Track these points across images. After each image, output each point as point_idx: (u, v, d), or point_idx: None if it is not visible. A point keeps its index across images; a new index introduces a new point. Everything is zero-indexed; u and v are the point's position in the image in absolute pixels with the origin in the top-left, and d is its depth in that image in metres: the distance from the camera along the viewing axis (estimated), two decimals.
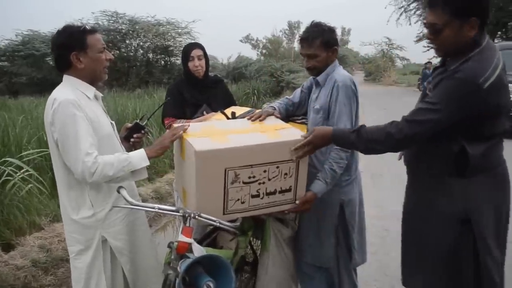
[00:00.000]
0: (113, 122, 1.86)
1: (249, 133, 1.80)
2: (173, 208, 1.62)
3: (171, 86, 2.80)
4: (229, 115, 2.15)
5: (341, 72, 1.98)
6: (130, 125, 2.00)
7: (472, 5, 1.39)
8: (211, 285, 1.41)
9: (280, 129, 1.86)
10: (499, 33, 18.50)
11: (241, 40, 55.42)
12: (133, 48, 19.43)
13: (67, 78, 1.71)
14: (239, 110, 2.23)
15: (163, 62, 20.20)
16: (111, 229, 1.74)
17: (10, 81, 17.95)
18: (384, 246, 3.37)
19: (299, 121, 2.18)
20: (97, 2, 20.16)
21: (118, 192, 1.62)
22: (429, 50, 21.03)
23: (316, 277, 2.13)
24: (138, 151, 1.72)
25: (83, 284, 1.70)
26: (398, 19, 21.01)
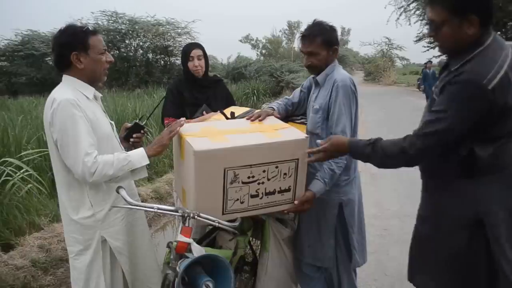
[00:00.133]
0: (113, 122, 1.85)
1: (248, 133, 1.80)
2: (172, 208, 1.63)
3: (170, 85, 2.80)
4: (228, 115, 2.15)
5: (340, 72, 1.98)
6: (129, 125, 1.99)
7: (471, 3, 1.38)
8: (210, 285, 1.41)
9: (279, 129, 1.86)
10: (498, 33, 18.46)
11: (240, 40, 55.58)
12: (132, 48, 19.39)
13: (66, 78, 1.71)
14: (238, 110, 2.23)
15: (162, 62, 20.17)
16: (110, 229, 1.74)
17: (10, 81, 17.91)
18: (383, 246, 3.37)
19: (298, 121, 2.18)
20: (96, 2, 20.11)
21: (117, 192, 1.62)
22: (428, 50, 21.02)
23: (315, 277, 2.13)
24: (138, 150, 1.72)
25: (82, 284, 1.70)
26: (398, 19, 20.99)
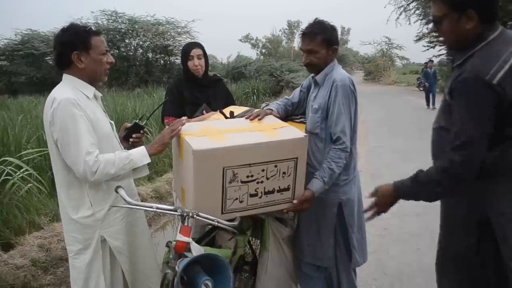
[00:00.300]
0: (112, 122, 1.85)
1: (247, 132, 1.80)
2: (171, 208, 1.62)
3: (170, 85, 2.79)
4: (228, 115, 2.15)
5: (340, 72, 1.98)
6: (129, 124, 1.99)
7: None
8: (209, 284, 1.41)
9: (278, 128, 1.86)
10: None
11: (240, 40, 55.49)
12: (132, 47, 19.40)
13: (66, 77, 1.71)
14: (238, 110, 2.23)
15: (162, 62, 20.18)
16: (110, 228, 1.74)
17: (9, 80, 17.93)
18: (383, 245, 3.37)
19: (297, 120, 2.18)
20: (96, 2, 20.08)
21: (116, 192, 1.62)
22: (428, 49, 20.98)
23: (315, 276, 2.13)
24: (139, 148, 1.73)
25: (82, 284, 1.70)
26: (398, 18, 20.92)
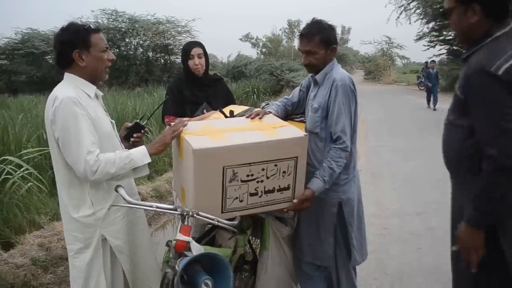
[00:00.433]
0: (113, 121, 1.85)
1: (247, 131, 1.80)
2: (171, 207, 1.62)
3: (171, 84, 2.79)
4: (228, 114, 2.15)
5: (339, 71, 1.98)
6: (130, 124, 1.99)
7: None
8: (209, 283, 1.41)
9: (278, 127, 1.86)
10: None
11: (240, 39, 55.41)
12: (132, 46, 19.41)
13: (68, 76, 1.71)
14: (238, 109, 2.23)
15: (162, 61, 20.19)
16: (111, 227, 1.74)
17: (10, 79, 17.94)
18: (383, 245, 3.37)
19: (297, 120, 2.17)
20: (96, 1, 20.06)
21: (116, 191, 1.62)
22: (429, 48, 21.02)
23: (315, 276, 2.14)
24: (140, 148, 1.72)
25: (82, 283, 1.70)
26: (398, 18, 21.03)
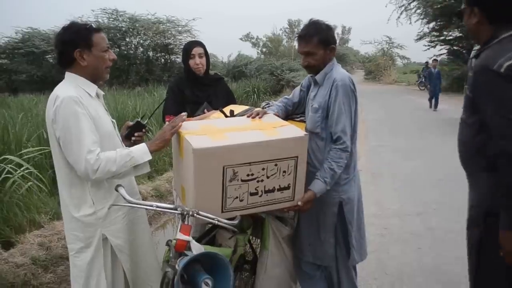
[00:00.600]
0: (114, 121, 1.85)
1: (247, 131, 1.80)
2: (171, 206, 1.62)
3: (171, 83, 2.79)
4: (228, 114, 2.15)
5: (339, 71, 1.98)
6: (131, 123, 1.99)
7: None
8: (209, 283, 1.41)
9: (278, 127, 1.86)
10: None
11: (241, 39, 55.27)
12: (133, 46, 19.40)
13: (69, 75, 1.71)
14: (238, 108, 2.23)
15: (163, 60, 20.19)
16: (111, 227, 1.74)
17: (10, 78, 17.93)
18: (383, 245, 3.37)
19: (298, 119, 2.18)
20: (97, 1, 20.04)
21: (116, 190, 1.62)
22: (429, 48, 21.01)
23: (315, 275, 2.14)
24: (140, 145, 1.72)
25: (82, 282, 1.70)
26: (399, 17, 21.05)
